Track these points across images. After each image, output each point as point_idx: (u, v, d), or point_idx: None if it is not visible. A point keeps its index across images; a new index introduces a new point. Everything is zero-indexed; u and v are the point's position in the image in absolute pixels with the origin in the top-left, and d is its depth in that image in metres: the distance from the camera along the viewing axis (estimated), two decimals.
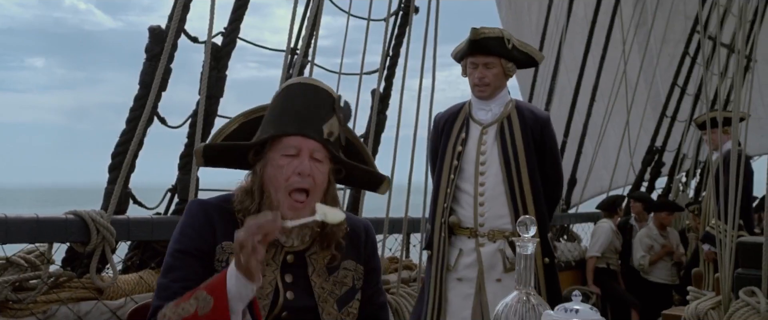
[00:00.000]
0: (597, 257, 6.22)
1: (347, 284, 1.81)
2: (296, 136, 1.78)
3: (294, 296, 1.78)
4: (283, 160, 1.77)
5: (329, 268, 1.82)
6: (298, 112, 1.80)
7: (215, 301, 1.60)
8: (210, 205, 1.85)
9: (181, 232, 1.82)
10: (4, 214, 2.81)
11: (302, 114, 1.80)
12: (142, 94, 3.25)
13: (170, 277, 1.77)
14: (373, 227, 4.01)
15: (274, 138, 1.79)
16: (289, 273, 1.79)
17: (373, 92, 4.17)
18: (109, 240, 3.06)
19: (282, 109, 1.83)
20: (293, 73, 3.60)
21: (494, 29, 3.06)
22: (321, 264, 1.82)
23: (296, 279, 1.80)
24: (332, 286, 1.80)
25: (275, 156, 1.79)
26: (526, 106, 3.18)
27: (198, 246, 1.78)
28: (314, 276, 1.80)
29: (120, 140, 3.26)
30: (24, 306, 2.84)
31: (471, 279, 3.07)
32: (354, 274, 1.85)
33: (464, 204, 3.10)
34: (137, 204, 3.35)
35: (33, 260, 2.92)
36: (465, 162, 3.10)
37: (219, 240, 1.78)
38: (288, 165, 1.76)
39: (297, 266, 1.81)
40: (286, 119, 1.80)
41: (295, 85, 1.88)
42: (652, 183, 7.67)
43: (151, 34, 3.27)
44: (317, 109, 1.81)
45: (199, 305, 1.61)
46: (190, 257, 1.77)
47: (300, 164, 1.76)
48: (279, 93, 1.88)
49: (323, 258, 1.82)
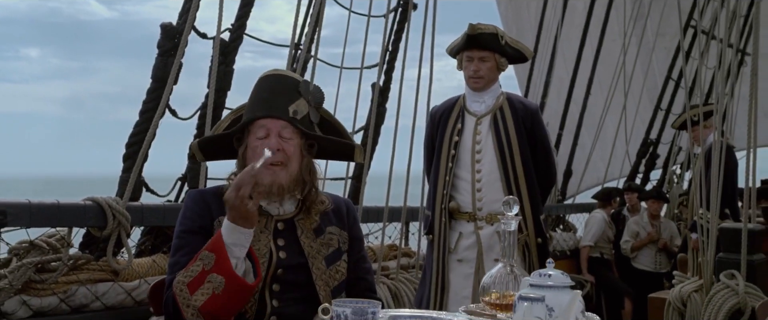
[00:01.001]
0: (590, 246, 6.46)
1: (333, 245, 2.09)
2: (264, 119, 2.07)
3: (286, 255, 2.05)
4: (256, 141, 2.05)
5: (315, 231, 2.10)
6: (266, 98, 2.10)
7: (216, 255, 1.88)
8: (204, 191, 2.17)
9: (183, 216, 2.11)
10: (28, 200, 3.03)
11: (269, 99, 2.09)
12: (154, 87, 3.46)
13: (179, 254, 2.05)
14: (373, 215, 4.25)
15: (248, 123, 2.08)
16: (281, 238, 2.07)
17: (373, 85, 4.40)
18: (125, 226, 3.27)
19: (254, 99, 2.13)
20: (297, 66, 3.82)
21: (489, 26, 3.30)
22: (308, 227, 2.10)
23: (287, 241, 2.07)
24: (319, 246, 2.08)
25: (251, 139, 2.07)
26: (516, 97, 3.42)
27: (199, 225, 2.06)
28: (303, 236, 2.08)
29: (134, 131, 3.48)
30: (46, 286, 3.06)
31: (471, 260, 3.33)
32: (339, 238, 2.13)
33: (462, 190, 3.35)
34: (150, 191, 3.57)
35: (54, 243, 3.13)
36: (462, 151, 3.35)
37: (215, 216, 2.07)
38: (261, 145, 2.04)
39: (287, 231, 2.08)
40: (256, 106, 2.10)
41: (264, 77, 2.17)
42: (646, 175, 7.92)
43: (162, 30, 3.49)
44: (282, 94, 2.10)
45: (204, 263, 1.90)
46: (193, 234, 2.05)
47: (268, 142, 2.04)
48: (254, 85, 2.17)
49: (310, 223, 2.10)
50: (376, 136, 4.57)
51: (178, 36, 3.45)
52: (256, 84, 2.16)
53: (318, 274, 2.05)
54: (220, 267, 1.88)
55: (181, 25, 3.47)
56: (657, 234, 6.60)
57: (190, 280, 1.90)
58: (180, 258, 2.03)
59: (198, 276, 1.89)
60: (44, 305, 3.04)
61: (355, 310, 1.47)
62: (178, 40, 3.44)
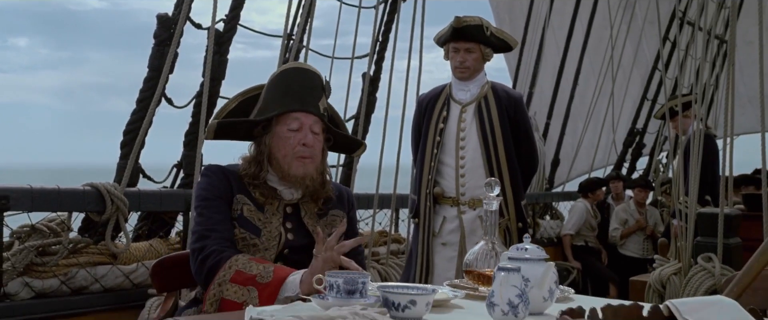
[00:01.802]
0: (572, 234, 6.65)
1: (335, 226, 2.22)
2: (299, 113, 2.19)
3: (294, 237, 2.20)
4: (288, 133, 2.18)
5: (319, 214, 2.25)
6: (298, 92, 2.22)
7: (273, 281, 1.98)
8: (225, 167, 2.26)
9: (204, 187, 2.20)
10: (30, 185, 3.16)
11: (302, 94, 2.21)
12: (151, 76, 3.60)
13: (209, 213, 2.14)
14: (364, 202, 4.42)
15: (281, 114, 2.19)
16: (289, 221, 2.21)
17: (364, 75, 4.53)
18: (123, 211, 3.41)
19: (284, 90, 2.23)
20: (289, 57, 3.95)
21: (474, 18, 3.45)
22: (312, 210, 2.24)
23: (294, 224, 2.21)
24: (322, 226, 2.22)
25: (281, 129, 2.19)
26: (500, 86, 3.57)
27: (221, 194, 2.17)
28: (306, 218, 2.22)
29: (131, 119, 3.61)
30: (47, 269, 3.19)
31: (454, 244, 3.48)
32: (341, 220, 2.27)
33: (446, 176, 3.51)
34: (146, 178, 3.70)
35: (54, 227, 3.26)
36: (446, 138, 3.50)
37: (235, 193, 2.18)
38: (293, 137, 2.17)
39: (294, 214, 2.23)
40: (288, 99, 2.20)
41: (291, 70, 2.29)
42: (633, 164, 8.10)
43: (158, 21, 3.62)
44: (312, 90, 2.23)
45: (263, 274, 2.01)
46: (215, 200, 2.16)
47: (304, 137, 2.18)
48: (277, 76, 2.28)
49: (313, 207, 2.25)
50: (366, 125, 4.71)
51: (174, 26, 3.58)
52: (283, 75, 2.26)
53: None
54: (267, 292, 1.97)
55: (176, 16, 3.60)
56: (645, 222, 6.79)
57: (242, 273, 2.01)
58: (212, 214, 2.13)
59: (249, 277, 2.00)
60: (46, 287, 3.17)
61: (346, 280, 1.61)
62: (173, 31, 3.56)
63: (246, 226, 2.13)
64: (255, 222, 2.15)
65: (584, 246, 6.73)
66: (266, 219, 2.15)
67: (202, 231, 2.12)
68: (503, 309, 1.56)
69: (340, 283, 1.62)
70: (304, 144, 2.17)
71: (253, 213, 2.16)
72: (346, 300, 1.60)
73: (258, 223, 2.15)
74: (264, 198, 2.19)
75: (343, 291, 1.61)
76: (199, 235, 2.12)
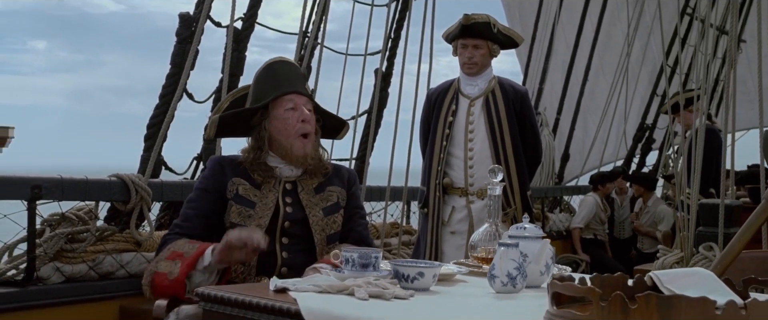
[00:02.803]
0: (581, 228, 6.82)
1: (332, 200, 2.51)
2: (293, 94, 2.49)
3: (292, 210, 2.46)
4: (287, 113, 2.47)
5: (316, 189, 2.52)
6: (287, 77, 2.52)
7: (196, 251, 2.28)
8: (222, 158, 2.59)
9: (201, 177, 2.57)
10: (60, 175, 3.36)
11: (290, 78, 2.52)
12: (173, 72, 3.78)
13: (188, 205, 2.51)
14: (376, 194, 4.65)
15: (276, 98, 2.48)
16: (288, 196, 2.48)
17: (376, 71, 4.71)
18: (146, 200, 3.60)
19: (274, 79, 2.53)
20: (305, 54, 4.14)
21: (482, 15, 3.63)
22: (309, 186, 2.51)
23: (292, 198, 2.48)
24: (318, 200, 2.49)
25: (279, 111, 2.48)
26: (507, 81, 3.76)
27: (212, 185, 2.48)
28: (302, 193, 2.49)
29: (154, 113, 3.81)
30: (76, 255, 3.38)
31: (463, 232, 3.66)
32: (338, 195, 2.54)
33: (456, 167, 3.70)
34: (168, 169, 3.90)
35: (82, 216, 3.45)
36: (455, 131, 3.69)
37: (229, 178, 2.47)
38: (292, 116, 2.45)
39: (292, 190, 2.49)
40: (279, 84, 2.50)
41: (276, 62, 2.60)
42: (642, 159, 8.24)
43: (180, 19, 3.80)
44: (297, 76, 2.57)
45: (188, 251, 2.30)
46: (205, 192, 2.48)
47: (301, 113, 2.48)
48: (263, 69, 2.58)
49: (311, 183, 2.52)
50: (378, 119, 4.89)
51: (195, 24, 3.77)
52: (268, 67, 2.57)
53: (315, 221, 2.43)
54: (187, 262, 2.27)
55: (197, 15, 3.79)
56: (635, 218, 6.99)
57: (175, 252, 2.33)
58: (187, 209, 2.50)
59: (179, 254, 2.32)
60: (75, 271, 3.36)
61: (361, 255, 1.79)
62: (194, 29, 3.76)
63: (241, 202, 2.43)
64: (250, 197, 2.44)
65: (593, 239, 6.89)
66: (262, 194, 2.44)
67: (176, 222, 2.50)
68: (502, 281, 1.74)
69: (355, 258, 1.80)
70: (303, 120, 2.44)
71: (248, 191, 2.45)
72: (360, 273, 1.78)
73: (254, 198, 2.43)
74: (262, 178, 2.47)
75: (357, 265, 1.79)
76: (174, 223, 2.50)
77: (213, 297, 1.64)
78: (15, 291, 3.12)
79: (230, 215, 2.42)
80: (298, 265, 2.35)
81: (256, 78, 2.58)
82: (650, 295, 1.29)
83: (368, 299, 1.57)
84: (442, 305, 1.60)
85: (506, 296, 1.71)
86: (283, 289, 1.64)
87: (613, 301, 1.30)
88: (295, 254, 2.40)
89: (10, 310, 3.09)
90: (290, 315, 1.50)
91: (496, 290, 1.74)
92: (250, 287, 1.78)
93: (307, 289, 1.63)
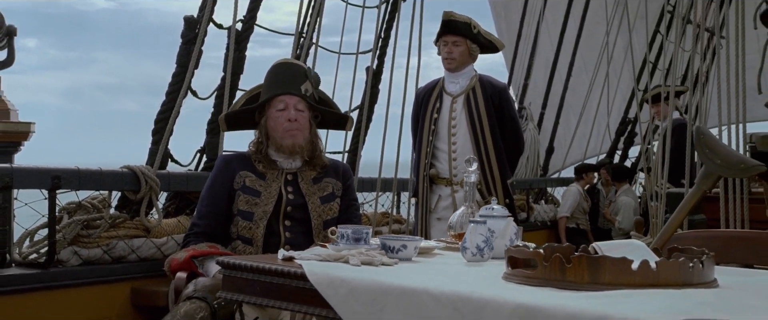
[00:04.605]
0: (566, 217, 7.22)
1: (328, 190, 2.92)
2: (284, 95, 2.89)
3: (293, 197, 2.88)
4: (277, 113, 2.89)
5: (314, 179, 2.94)
6: (282, 80, 2.92)
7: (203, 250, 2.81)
8: (228, 156, 3.05)
9: (210, 176, 3.00)
10: (77, 167, 3.71)
11: (285, 80, 2.92)
12: (178, 71, 4.13)
13: (202, 204, 2.97)
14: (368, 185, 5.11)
15: (269, 99, 2.87)
16: (289, 185, 2.91)
17: (368, 68, 5.08)
18: (155, 190, 3.94)
19: (272, 81, 2.96)
20: (300, 53, 4.50)
21: (463, 16, 4.04)
22: (308, 176, 2.93)
23: (293, 187, 2.90)
24: (316, 189, 2.90)
25: (272, 111, 2.91)
26: (486, 78, 4.15)
27: (220, 182, 2.93)
28: (302, 183, 2.90)
29: (161, 109, 4.15)
30: (92, 240, 3.71)
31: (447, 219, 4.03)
32: (334, 186, 2.96)
33: (441, 159, 4.10)
34: (174, 162, 4.25)
35: (97, 204, 3.78)
36: (440, 126, 4.09)
37: (236, 172, 2.89)
38: (281, 116, 2.84)
39: (293, 180, 2.91)
40: (275, 86, 2.91)
41: (278, 64, 3.03)
42: (625, 152, 8.64)
43: (185, 22, 4.15)
44: (295, 76, 2.95)
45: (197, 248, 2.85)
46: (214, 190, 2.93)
47: (288, 114, 2.86)
48: (270, 70, 2.98)
49: (309, 174, 2.93)
50: (370, 114, 5.25)
51: (198, 26, 4.12)
52: (271, 69, 2.95)
53: (313, 207, 2.82)
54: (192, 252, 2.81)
55: (200, 17, 4.14)
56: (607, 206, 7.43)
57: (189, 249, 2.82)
58: (201, 207, 2.95)
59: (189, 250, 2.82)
60: (91, 255, 3.69)
61: (354, 231, 2.16)
62: (198, 31, 4.11)
63: (248, 192, 2.87)
64: (256, 187, 2.86)
65: (576, 228, 7.30)
66: (266, 184, 2.86)
67: (193, 220, 3.00)
68: (472, 252, 2.11)
69: (349, 233, 2.17)
70: (290, 119, 2.84)
71: (254, 181, 2.87)
72: (353, 246, 2.15)
73: (259, 188, 2.86)
74: (266, 169, 2.88)
75: (351, 239, 2.16)
76: (192, 223, 2.99)
77: (232, 265, 2.01)
78: (39, 272, 3.44)
79: (238, 204, 2.82)
80: (299, 244, 2.72)
81: (265, 77, 2.99)
82: (582, 256, 1.66)
83: (360, 265, 1.94)
84: (421, 270, 1.97)
85: (475, 264, 2.08)
86: (290, 258, 2.01)
87: (553, 262, 1.67)
88: (297, 235, 2.79)
89: (35, 290, 3.43)
90: (297, 277, 1.87)
91: (467, 260, 2.11)
92: (262, 257, 2.16)
93: (310, 258, 2.00)
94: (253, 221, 2.85)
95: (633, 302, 1.47)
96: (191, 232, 2.96)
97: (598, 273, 1.64)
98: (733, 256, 2.44)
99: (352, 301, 1.73)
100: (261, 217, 2.83)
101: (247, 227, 2.86)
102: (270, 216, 2.81)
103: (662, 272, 1.64)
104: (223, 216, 2.90)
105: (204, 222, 2.93)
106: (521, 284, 1.70)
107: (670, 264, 1.66)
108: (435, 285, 1.66)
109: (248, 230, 2.86)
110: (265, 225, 2.81)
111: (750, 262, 2.38)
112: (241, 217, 2.88)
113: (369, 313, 1.69)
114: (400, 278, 1.77)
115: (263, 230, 2.81)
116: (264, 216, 2.80)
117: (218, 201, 2.91)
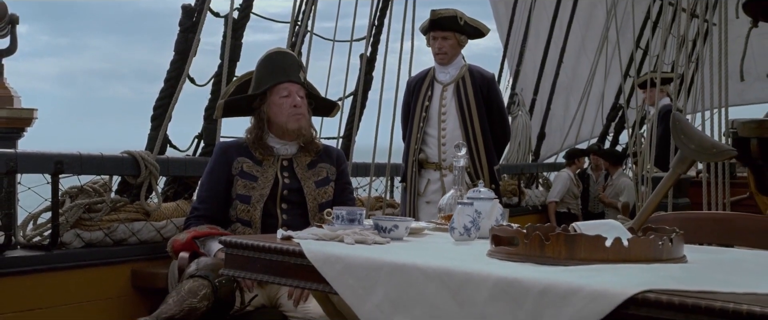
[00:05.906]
0: (556, 202, 7.38)
1: (322, 175, 3.09)
2: (287, 83, 3.03)
3: (289, 181, 3.04)
4: (281, 99, 3.03)
5: (309, 165, 3.10)
6: (283, 67, 3.07)
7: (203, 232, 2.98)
8: (226, 143, 3.20)
9: (209, 162, 3.16)
10: (79, 152, 3.83)
11: (286, 68, 3.07)
12: (177, 58, 4.26)
13: (201, 189, 3.14)
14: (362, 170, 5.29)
15: (273, 86, 3.01)
16: (285, 170, 3.07)
17: (361, 56, 5.21)
18: (154, 174, 4.06)
19: (272, 68, 3.09)
20: (296, 40, 4.63)
21: (449, 10, 4.20)
22: (303, 162, 3.09)
23: (289, 172, 3.06)
24: (311, 174, 3.07)
25: (275, 98, 3.05)
26: (476, 68, 4.30)
27: (218, 168, 3.08)
28: (297, 168, 3.06)
29: (159, 96, 4.28)
30: (93, 223, 3.83)
31: (437, 202, 4.19)
32: (328, 171, 3.12)
33: (431, 145, 4.26)
34: (173, 147, 4.38)
35: (98, 188, 3.90)
36: (430, 113, 4.25)
37: (234, 157, 3.05)
38: (285, 102, 2.98)
39: (289, 166, 3.07)
40: (276, 74, 3.06)
41: (274, 53, 3.17)
42: (616, 137, 8.80)
43: (183, 10, 4.27)
44: (292, 65, 3.11)
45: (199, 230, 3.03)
46: (213, 175, 3.10)
47: (293, 100, 3.00)
48: (263, 59, 3.12)
49: (304, 160, 3.09)
50: (363, 101, 5.38)
51: (196, 15, 4.24)
52: (267, 58, 3.08)
53: (308, 191, 2.99)
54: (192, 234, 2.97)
55: (198, 6, 4.26)
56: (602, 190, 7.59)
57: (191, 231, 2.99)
58: (201, 191, 3.14)
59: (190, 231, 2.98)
60: (93, 238, 3.81)
61: (348, 212, 2.30)
62: (195, 19, 4.23)
63: (245, 177, 3.03)
64: (253, 173, 3.02)
65: (567, 212, 7.46)
66: (263, 169, 3.02)
67: (194, 204, 3.18)
68: (460, 231, 2.26)
69: (343, 214, 2.31)
70: (295, 105, 2.99)
71: (251, 167, 3.03)
72: (348, 226, 2.29)
73: (256, 173, 3.01)
74: (262, 156, 3.03)
75: (346, 220, 2.31)
76: (193, 206, 3.17)
77: (234, 244, 2.16)
78: (43, 254, 3.56)
79: (236, 188, 2.98)
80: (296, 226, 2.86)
81: (258, 66, 3.13)
82: (560, 234, 1.81)
83: (354, 244, 2.09)
84: (411, 248, 2.12)
85: (462, 243, 2.23)
86: (288, 237, 2.16)
87: (532, 239, 1.82)
88: (294, 217, 2.94)
89: (39, 271, 3.56)
90: (295, 254, 2.01)
91: (455, 239, 2.26)
92: (262, 236, 2.30)
93: (307, 237, 2.14)
94: (250, 204, 3.01)
95: (604, 275, 1.62)
96: (192, 215, 3.11)
97: (574, 249, 1.79)
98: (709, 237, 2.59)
99: (347, 276, 1.88)
100: (258, 200, 2.99)
101: (245, 210, 3.02)
102: (267, 200, 2.96)
103: (633, 248, 1.79)
104: (223, 200, 3.07)
105: (204, 206, 3.10)
106: (504, 260, 1.85)
107: (641, 241, 1.81)
108: (423, 261, 1.81)
109: (246, 213, 3.02)
110: (262, 208, 2.98)
111: (724, 242, 2.53)
112: (240, 201, 3.03)
113: (362, 287, 1.84)
114: (391, 255, 1.92)
115: (260, 212, 2.97)
116: (261, 199, 2.97)
117: (217, 187, 3.07)
